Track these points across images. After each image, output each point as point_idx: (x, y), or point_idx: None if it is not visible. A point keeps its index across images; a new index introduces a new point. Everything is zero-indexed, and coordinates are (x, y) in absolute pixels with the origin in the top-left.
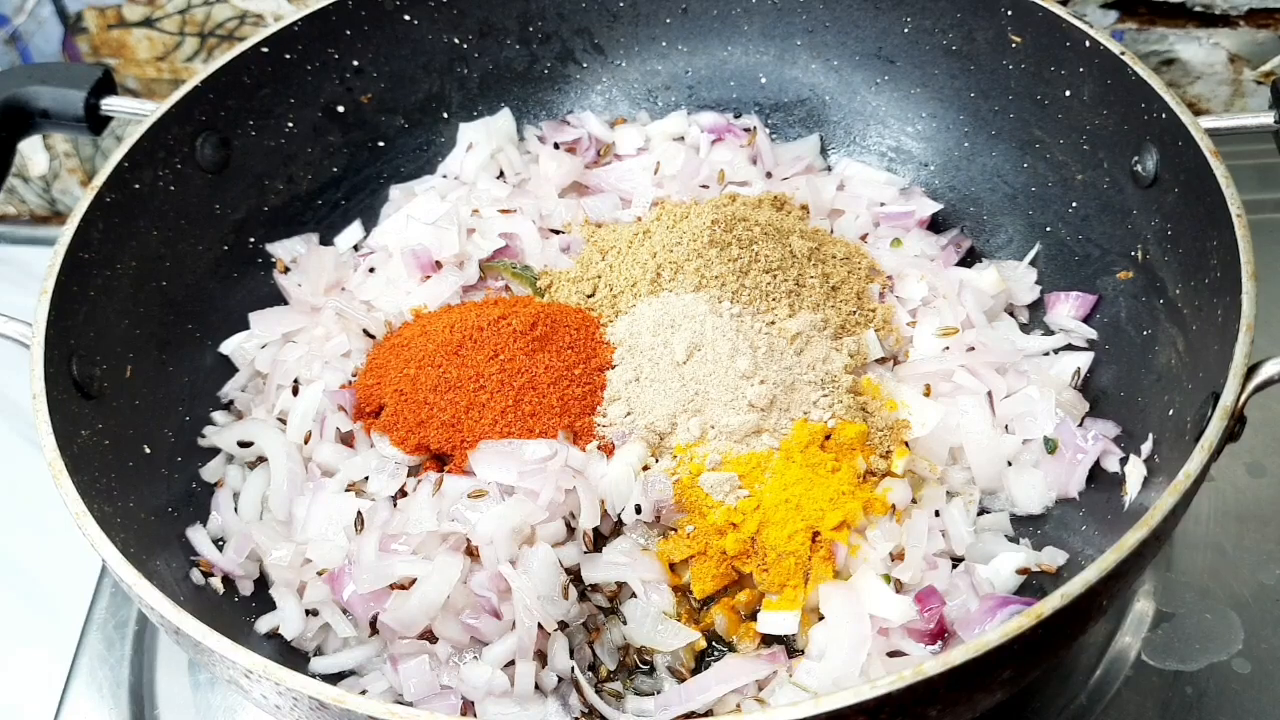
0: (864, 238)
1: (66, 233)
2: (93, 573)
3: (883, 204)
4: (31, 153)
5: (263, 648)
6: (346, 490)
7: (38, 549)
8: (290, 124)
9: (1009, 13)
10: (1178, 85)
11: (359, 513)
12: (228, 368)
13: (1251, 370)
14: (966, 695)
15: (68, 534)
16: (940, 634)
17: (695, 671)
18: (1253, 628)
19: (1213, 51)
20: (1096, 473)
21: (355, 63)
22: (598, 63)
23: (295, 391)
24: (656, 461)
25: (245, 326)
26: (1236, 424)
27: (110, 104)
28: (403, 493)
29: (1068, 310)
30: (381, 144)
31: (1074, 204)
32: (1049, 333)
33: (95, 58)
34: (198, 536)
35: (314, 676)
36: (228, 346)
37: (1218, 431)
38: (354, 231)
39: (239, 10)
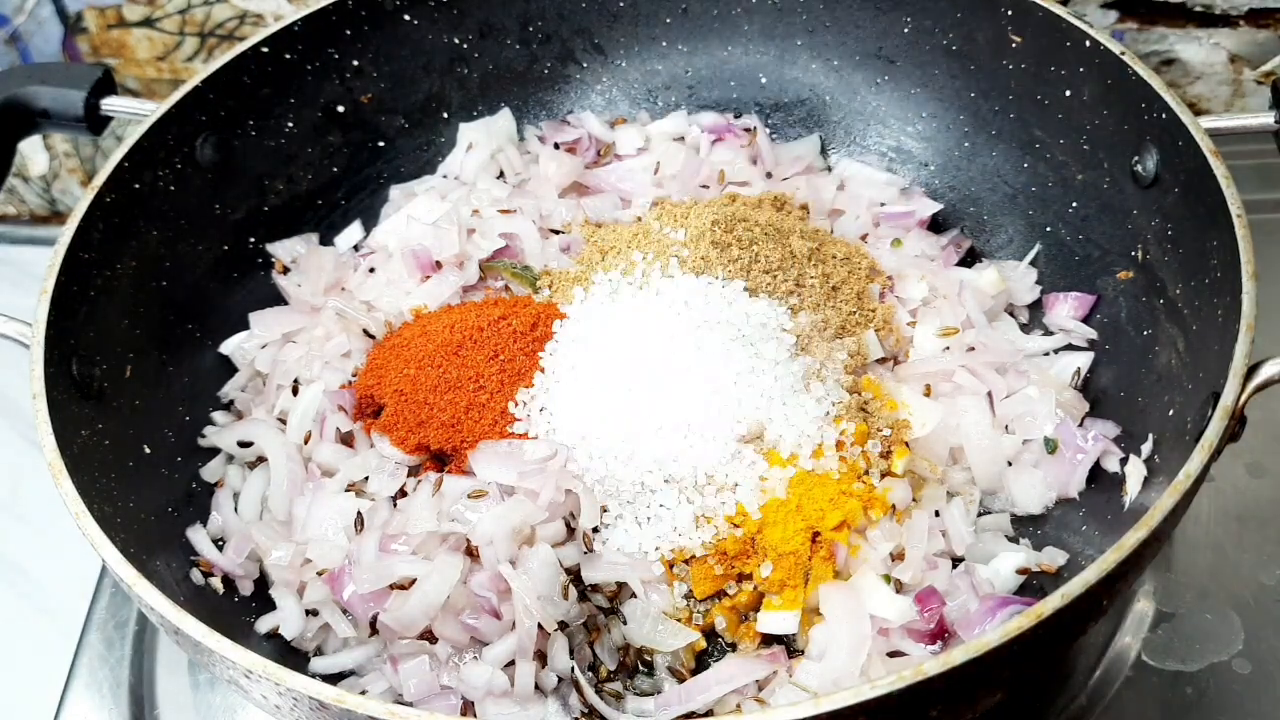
0: (864, 238)
1: (66, 233)
2: (93, 573)
3: (883, 204)
4: (31, 153)
5: (263, 648)
6: (346, 490)
7: (38, 549)
8: (290, 124)
9: (1009, 13)
10: (1178, 85)
11: (359, 513)
12: (228, 368)
13: (1251, 370)
14: (966, 695)
15: (68, 534)
16: (940, 634)
17: (695, 671)
18: (1253, 628)
19: (1213, 51)
20: (1096, 473)
21: (355, 63)
22: (598, 63)
23: (295, 391)
24: None
25: (245, 326)
26: (1236, 424)
27: (110, 104)
28: (403, 493)
29: (1067, 310)
30: (381, 144)
31: (1074, 204)
32: (1049, 333)
33: (95, 58)
34: (198, 536)
35: (314, 676)
36: (228, 346)
37: (1218, 431)
38: (354, 231)
39: (239, 10)
